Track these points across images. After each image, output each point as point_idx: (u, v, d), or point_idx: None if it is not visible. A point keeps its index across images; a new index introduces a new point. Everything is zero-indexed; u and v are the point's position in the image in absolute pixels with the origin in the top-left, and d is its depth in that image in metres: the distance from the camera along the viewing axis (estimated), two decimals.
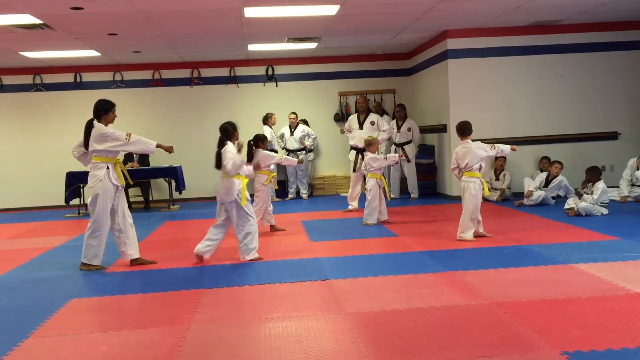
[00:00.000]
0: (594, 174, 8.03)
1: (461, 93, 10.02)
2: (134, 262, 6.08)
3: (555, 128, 10.21)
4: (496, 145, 6.81)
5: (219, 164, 6.02)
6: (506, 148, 6.88)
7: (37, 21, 7.67)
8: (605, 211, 7.86)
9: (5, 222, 10.15)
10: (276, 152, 11.25)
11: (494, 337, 3.61)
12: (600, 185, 7.86)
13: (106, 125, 5.92)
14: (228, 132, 6.10)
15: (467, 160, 6.58)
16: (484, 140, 7.63)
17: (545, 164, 9.96)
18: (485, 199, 9.45)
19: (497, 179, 9.88)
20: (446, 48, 10.00)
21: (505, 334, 3.64)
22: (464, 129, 6.71)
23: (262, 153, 7.40)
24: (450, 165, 6.92)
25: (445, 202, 10.01)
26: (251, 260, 6.01)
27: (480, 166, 6.65)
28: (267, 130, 11.07)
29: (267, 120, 11.35)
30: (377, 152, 8.22)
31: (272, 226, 7.75)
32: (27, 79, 11.72)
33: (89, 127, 5.88)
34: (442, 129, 10.41)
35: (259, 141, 7.50)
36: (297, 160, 8.53)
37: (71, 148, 6.12)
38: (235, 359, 3.49)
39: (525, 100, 10.18)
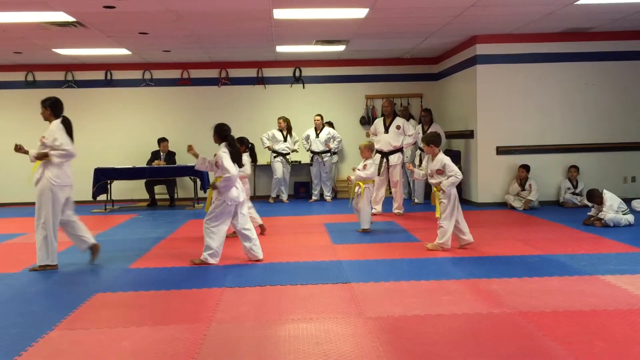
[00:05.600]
0: (597, 198, 7.85)
1: (489, 99, 9.93)
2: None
3: (585, 137, 10.05)
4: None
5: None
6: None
7: (71, 19, 7.81)
8: (631, 219, 7.75)
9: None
10: (282, 154, 11.36)
11: (516, 347, 3.57)
12: (607, 196, 7.77)
13: None
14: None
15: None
16: (510, 147, 7.56)
17: (573, 172, 9.81)
18: (511, 207, 9.50)
19: (523, 189, 9.74)
20: (475, 53, 9.92)
21: (528, 345, 3.59)
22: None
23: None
24: (477, 172, 6.86)
25: (470, 208, 9.90)
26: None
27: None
28: (269, 132, 11.44)
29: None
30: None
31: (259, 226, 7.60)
32: (59, 76, 11.93)
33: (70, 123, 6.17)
34: (469, 134, 10.32)
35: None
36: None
37: (101, 144, 6.24)
38: (254, 358, 3.50)
39: (554, 108, 10.04)
